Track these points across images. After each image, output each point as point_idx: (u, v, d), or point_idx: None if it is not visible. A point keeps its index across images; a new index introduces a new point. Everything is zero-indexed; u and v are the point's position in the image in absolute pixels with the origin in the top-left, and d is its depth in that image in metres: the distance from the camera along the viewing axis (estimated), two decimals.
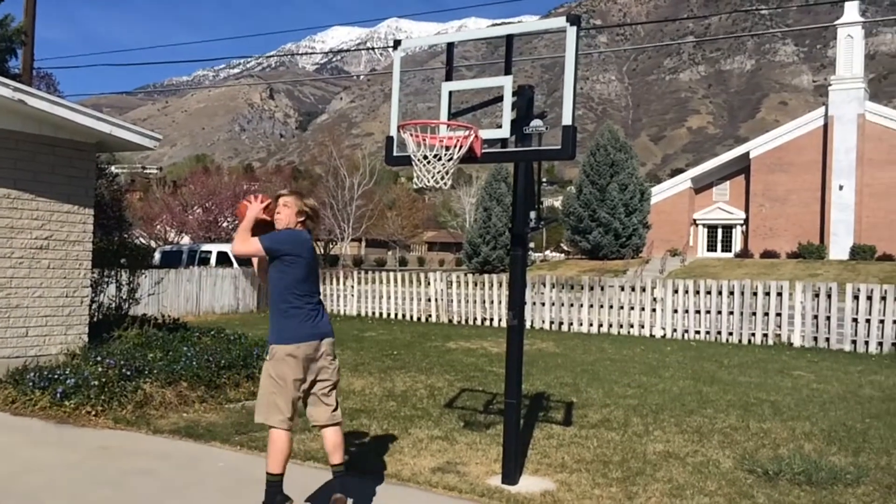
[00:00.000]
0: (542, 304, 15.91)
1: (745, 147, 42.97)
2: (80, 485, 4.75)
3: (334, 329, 4.42)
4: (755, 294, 13.70)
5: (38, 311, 7.68)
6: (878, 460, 5.68)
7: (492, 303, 16.68)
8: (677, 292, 14.49)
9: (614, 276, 26.17)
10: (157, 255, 22.34)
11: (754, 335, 13.64)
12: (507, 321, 5.17)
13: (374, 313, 18.72)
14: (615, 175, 40.36)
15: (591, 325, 15.34)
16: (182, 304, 18.14)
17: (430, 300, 17.83)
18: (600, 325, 15.25)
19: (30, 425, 6.27)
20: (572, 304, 15.61)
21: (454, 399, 7.73)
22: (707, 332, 14.11)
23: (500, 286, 16.46)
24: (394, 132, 4.94)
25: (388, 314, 18.44)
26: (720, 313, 14.01)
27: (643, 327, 14.78)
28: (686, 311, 14.38)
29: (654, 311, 14.70)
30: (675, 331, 14.44)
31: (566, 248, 53.48)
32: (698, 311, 14.25)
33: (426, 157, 4.63)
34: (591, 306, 15.36)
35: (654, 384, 8.88)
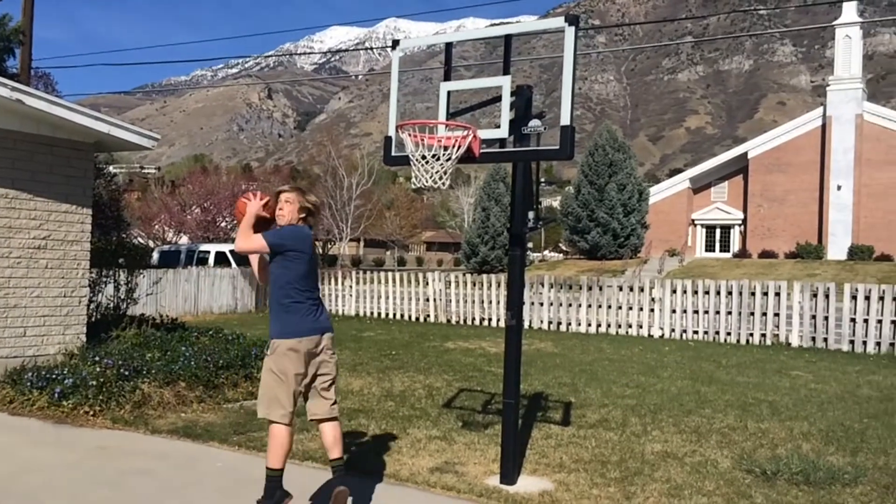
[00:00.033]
0: (541, 304, 15.92)
1: (744, 147, 43.00)
2: (78, 485, 4.75)
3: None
4: (753, 294, 13.72)
5: (36, 310, 7.68)
6: (875, 460, 5.68)
7: (490, 303, 16.68)
8: (675, 292, 14.51)
9: (613, 276, 26.18)
10: (155, 255, 22.33)
11: (752, 335, 13.65)
12: (506, 321, 5.17)
13: (372, 313, 18.72)
14: (613, 175, 40.37)
15: (589, 325, 15.35)
16: (180, 304, 18.13)
17: (428, 300, 17.83)
18: (598, 325, 15.26)
19: (28, 425, 6.26)
20: (570, 304, 15.62)
21: (452, 399, 7.73)
22: (705, 332, 14.13)
23: (498, 286, 16.46)
24: (392, 132, 4.94)
25: (387, 314, 18.44)
26: (718, 313, 14.03)
27: (641, 327, 14.79)
28: (684, 311, 14.39)
29: (653, 311, 14.71)
30: (673, 331, 14.46)
31: (564, 248, 53.51)
32: (696, 312, 14.27)
33: (424, 157, 4.63)
34: (590, 306, 15.37)
35: (653, 384, 8.89)
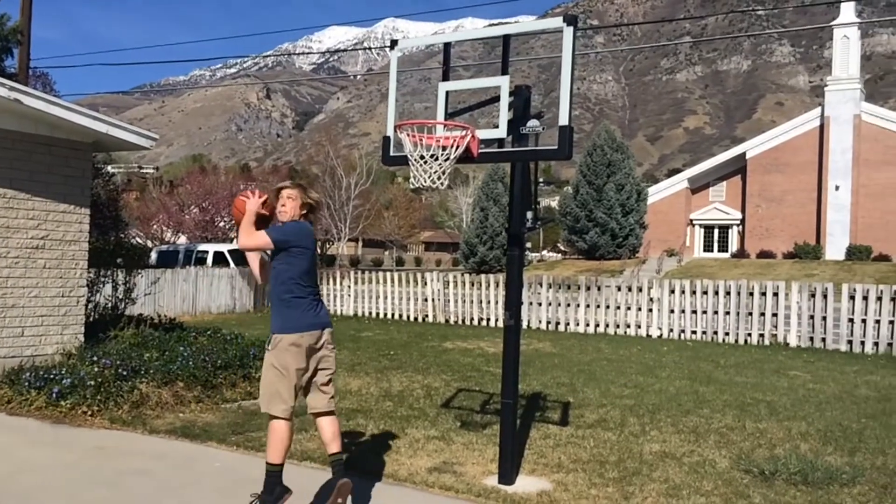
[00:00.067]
0: (539, 304, 15.92)
1: (742, 147, 43.03)
2: (76, 485, 4.75)
3: None
4: (751, 294, 13.73)
5: (34, 310, 7.67)
6: (873, 460, 5.69)
7: (488, 303, 16.68)
8: (674, 292, 14.51)
9: (611, 276, 26.19)
10: (153, 255, 22.33)
11: (751, 335, 13.66)
12: (504, 321, 5.16)
13: (370, 313, 18.71)
14: (612, 175, 40.37)
15: (587, 325, 15.35)
16: (178, 304, 18.11)
17: (426, 300, 17.83)
18: (597, 325, 15.26)
19: (26, 425, 6.26)
20: (569, 304, 15.62)
21: (451, 399, 7.73)
22: (703, 333, 14.13)
23: (496, 286, 16.46)
24: (390, 132, 4.94)
25: (385, 314, 18.43)
26: (717, 313, 14.03)
27: (640, 327, 14.79)
28: (683, 312, 14.40)
29: (651, 311, 14.71)
30: (671, 331, 14.46)
31: (563, 248, 53.51)
32: (695, 312, 14.27)
33: (423, 157, 4.63)
34: (588, 306, 15.37)
35: (651, 384, 8.89)
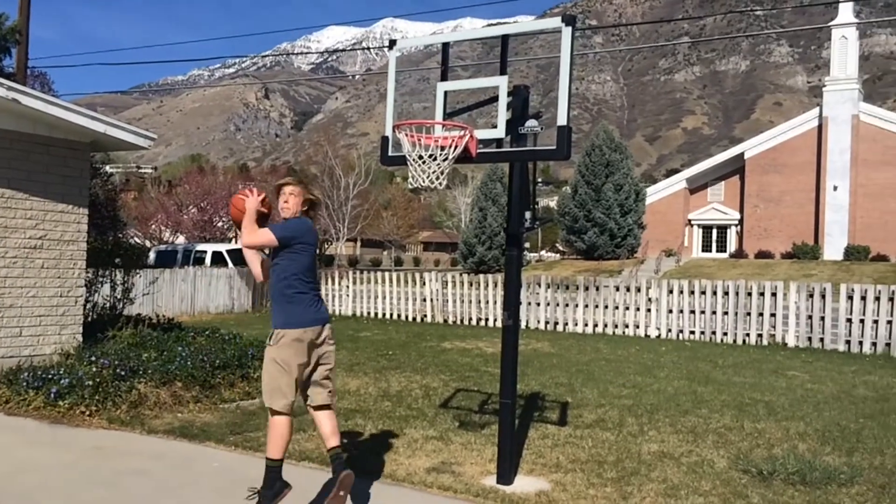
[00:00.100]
0: (538, 305, 15.92)
1: (740, 148, 43.10)
2: (74, 485, 4.74)
3: None
4: (750, 294, 13.74)
5: (32, 310, 7.66)
6: (871, 460, 5.69)
7: (487, 303, 16.68)
8: (672, 292, 14.52)
9: (609, 276, 26.21)
10: (151, 255, 22.33)
11: (749, 335, 13.67)
12: (503, 321, 5.16)
13: (369, 313, 18.71)
14: (610, 175, 40.41)
15: (586, 325, 15.35)
16: (177, 304, 18.11)
17: (425, 300, 17.82)
18: (595, 326, 15.26)
19: (24, 425, 6.25)
20: (567, 305, 15.63)
21: (449, 399, 7.72)
22: (702, 333, 14.14)
23: (495, 286, 16.46)
24: (389, 132, 4.94)
25: (384, 314, 18.43)
26: (715, 313, 14.04)
27: (638, 327, 14.80)
28: (681, 312, 14.40)
29: (649, 311, 14.72)
30: (669, 331, 14.47)
31: (561, 248, 53.55)
32: (693, 312, 14.28)
33: (421, 157, 4.64)
34: (587, 306, 15.38)
35: (649, 384, 8.89)
